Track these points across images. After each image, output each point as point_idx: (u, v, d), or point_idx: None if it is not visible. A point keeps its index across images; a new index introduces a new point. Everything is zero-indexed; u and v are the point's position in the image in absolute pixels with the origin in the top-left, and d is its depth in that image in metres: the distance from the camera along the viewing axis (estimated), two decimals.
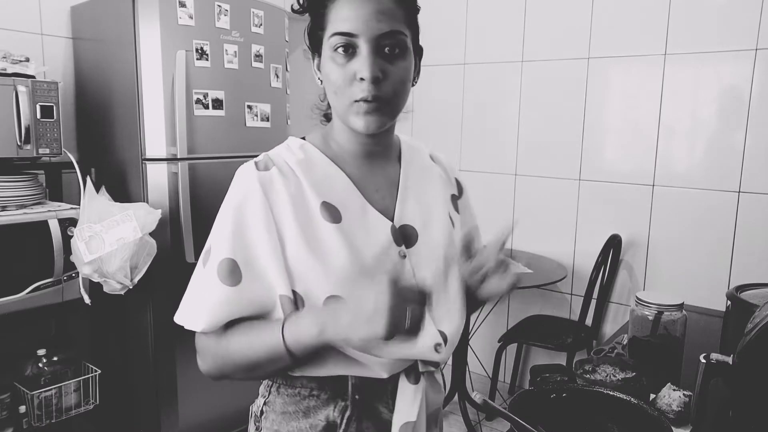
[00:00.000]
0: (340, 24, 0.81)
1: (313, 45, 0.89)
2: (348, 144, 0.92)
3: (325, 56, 0.84)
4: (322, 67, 0.87)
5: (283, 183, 0.86)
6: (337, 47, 0.82)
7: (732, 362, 1.00)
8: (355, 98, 0.82)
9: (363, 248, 0.86)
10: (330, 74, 0.84)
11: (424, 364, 0.91)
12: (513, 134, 3.00)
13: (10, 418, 1.97)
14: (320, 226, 0.85)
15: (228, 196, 0.88)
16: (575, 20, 2.75)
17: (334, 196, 0.88)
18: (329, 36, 0.83)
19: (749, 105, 2.37)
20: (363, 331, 0.71)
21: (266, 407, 0.93)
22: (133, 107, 2.12)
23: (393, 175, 0.96)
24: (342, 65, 0.82)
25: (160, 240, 2.07)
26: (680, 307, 1.29)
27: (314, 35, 0.88)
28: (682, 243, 2.58)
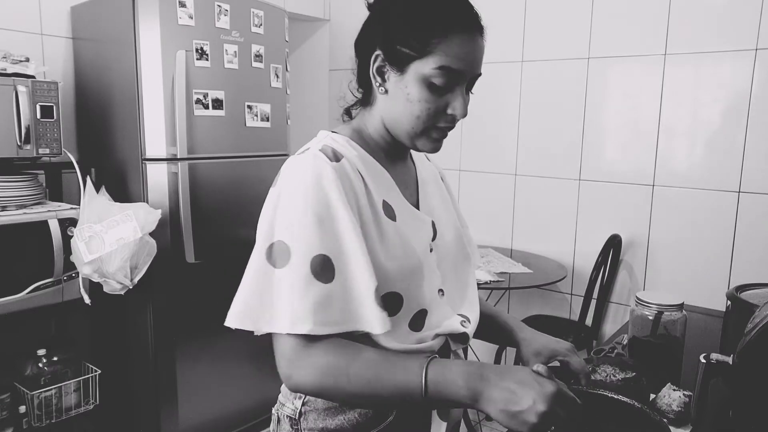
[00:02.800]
0: (453, 61, 0.82)
1: (394, 55, 0.86)
2: (384, 144, 0.94)
3: (416, 80, 0.84)
4: (405, 85, 0.85)
5: (354, 176, 0.86)
6: (437, 79, 0.83)
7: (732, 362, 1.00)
8: (437, 124, 0.87)
9: (414, 245, 0.90)
10: (421, 100, 0.84)
11: (454, 342, 0.96)
12: (513, 134, 3.00)
13: (10, 418, 1.97)
14: (384, 223, 0.87)
15: (295, 186, 0.82)
16: (575, 20, 2.74)
17: (387, 194, 0.90)
18: (434, 66, 0.82)
19: (749, 105, 2.37)
20: (512, 423, 0.72)
21: (306, 407, 0.92)
22: (133, 107, 2.12)
23: (412, 173, 1.02)
24: (437, 95, 0.84)
25: (160, 240, 2.07)
26: (680, 307, 1.29)
27: (402, 49, 0.85)
28: (682, 243, 2.58)
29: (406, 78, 0.85)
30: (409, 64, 0.84)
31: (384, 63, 0.87)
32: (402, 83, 0.86)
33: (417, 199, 0.99)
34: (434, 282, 0.95)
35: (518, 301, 3.09)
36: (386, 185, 0.92)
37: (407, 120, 0.87)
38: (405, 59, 0.85)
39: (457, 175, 3.19)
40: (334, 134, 0.92)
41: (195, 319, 2.26)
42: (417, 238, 0.92)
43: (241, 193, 2.37)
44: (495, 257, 2.78)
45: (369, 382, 0.77)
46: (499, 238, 3.11)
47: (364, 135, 0.94)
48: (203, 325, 2.28)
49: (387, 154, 0.95)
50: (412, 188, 1.00)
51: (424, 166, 1.07)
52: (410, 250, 0.89)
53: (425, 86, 0.84)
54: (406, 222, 0.91)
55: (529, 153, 2.97)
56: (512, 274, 2.54)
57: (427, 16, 0.83)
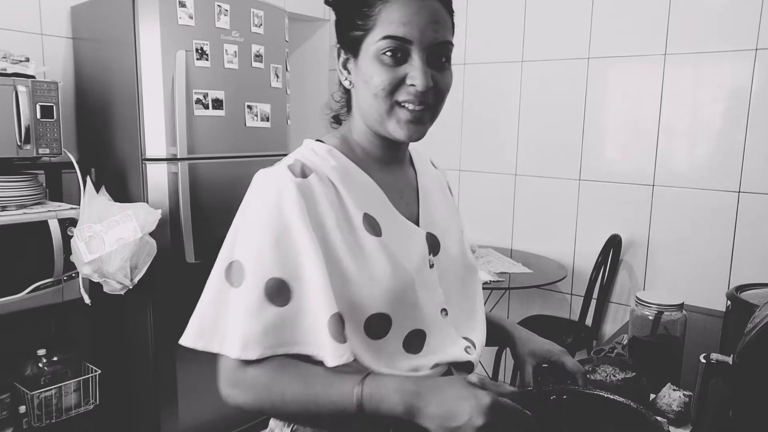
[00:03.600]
0: (394, 28, 0.78)
1: (347, 43, 0.84)
2: (373, 149, 0.90)
3: (368, 57, 0.81)
4: (360, 69, 0.82)
5: (324, 192, 0.81)
6: (386, 51, 0.79)
7: (732, 362, 1.00)
8: (399, 100, 0.80)
9: (404, 262, 0.84)
10: (374, 77, 0.80)
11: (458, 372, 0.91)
12: (513, 134, 3.00)
13: (10, 418, 1.97)
14: (364, 240, 0.82)
15: (256, 204, 0.80)
16: (575, 20, 2.74)
17: (371, 207, 0.85)
18: (379, 38, 0.79)
19: (749, 105, 2.37)
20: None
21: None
22: (133, 107, 2.12)
23: (411, 180, 0.96)
24: (390, 68, 0.79)
25: (160, 240, 2.07)
26: (680, 307, 1.29)
27: (351, 33, 0.83)
28: (682, 243, 2.57)
29: (360, 61, 0.82)
30: (360, 45, 0.81)
31: (347, 56, 0.85)
32: (359, 68, 0.83)
33: (417, 209, 0.93)
34: (435, 300, 0.89)
35: (518, 301, 3.09)
36: (370, 197, 0.86)
37: (370, 104, 0.82)
38: (357, 42, 0.82)
39: (457, 175, 3.19)
40: (316, 144, 0.88)
41: None
42: (407, 253, 0.86)
43: (242, 193, 2.35)
44: (495, 257, 2.78)
45: (304, 401, 0.74)
46: (499, 238, 3.11)
47: (350, 142, 0.90)
48: None
49: (378, 159, 0.91)
50: (410, 197, 0.94)
51: (428, 172, 1.01)
52: (398, 268, 0.83)
53: (377, 62, 0.80)
54: (393, 236, 0.85)
55: (529, 153, 2.97)
56: (512, 274, 2.54)
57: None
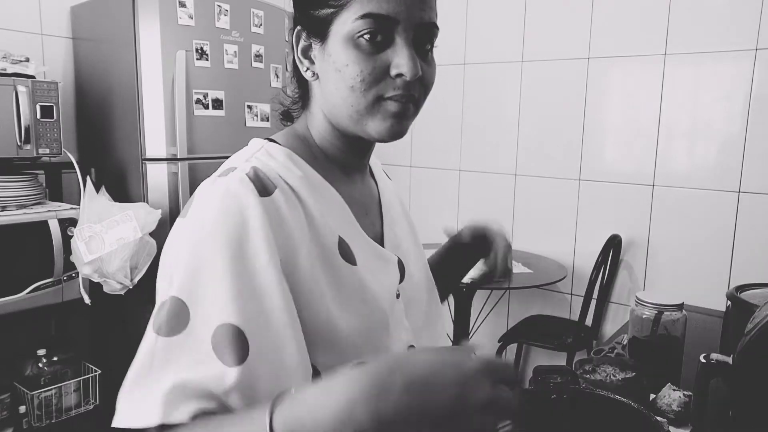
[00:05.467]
0: (375, 4, 0.62)
1: (311, 25, 0.68)
2: (336, 153, 0.74)
3: (340, 42, 0.65)
4: (330, 56, 0.66)
5: (290, 213, 0.64)
6: (365, 33, 0.63)
7: (732, 362, 1.00)
8: (384, 94, 0.66)
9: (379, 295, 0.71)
10: (349, 65, 0.64)
11: None
12: (513, 134, 3.00)
13: (10, 418, 1.97)
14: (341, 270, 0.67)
15: (207, 227, 0.60)
16: (575, 20, 2.74)
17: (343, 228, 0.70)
18: (355, 17, 0.63)
19: (749, 105, 2.37)
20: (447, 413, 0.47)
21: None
22: (133, 107, 2.12)
23: (374, 193, 0.83)
24: (369, 54, 0.64)
25: (160, 240, 2.07)
26: (680, 307, 1.29)
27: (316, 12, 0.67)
28: (682, 243, 2.57)
29: (329, 45, 0.66)
30: (329, 26, 0.65)
31: (308, 40, 0.69)
32: (327, 53, 0.66)
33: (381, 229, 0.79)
34: (402, 337, 0.75)
35: (518, 301, 3.09)
36: (342, 216, 0.71)
37: (343, 97, 0.66)
38: (323, 23, 0.66)
39: (456, 175, 3.19)
40: (272, 146, 0.73)
41: None
42: (380, 283, 0.72)
43: None
44: None
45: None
46: None
47: (310, 143, 0.75)
48: None
49: (341, 166, 0.75)
50: (374, 214, 0.79)
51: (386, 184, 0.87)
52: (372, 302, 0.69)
53: (352, 46, 0.64)
54: (367, 265, 0.70)
55: (529, 153, 2.97)
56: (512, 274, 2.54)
57: None
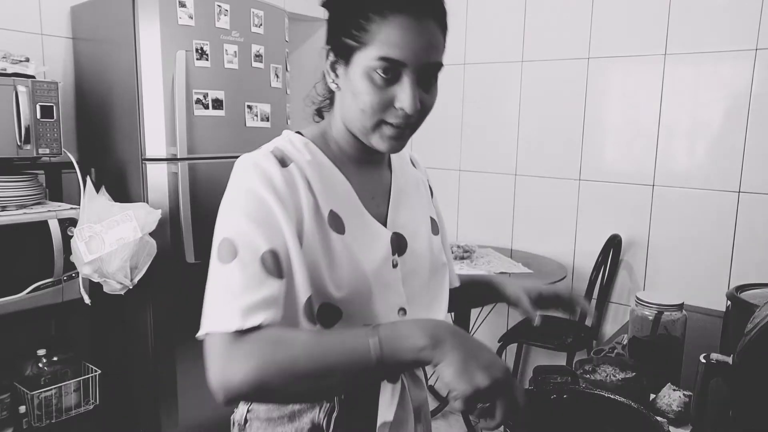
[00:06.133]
0: (390, 50, 0.76)
1: (339, 48, 0.82)
2: (349, 149, 0.90)
3: (359, 71, 0.79)
4: (349, 78, 0.81)
5: (301, 183, 0.82)
6: (378, 69, 0.77)
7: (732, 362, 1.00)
8: (386, 120, 0.81)
9: (363, 261, 0.85)
10: (363, 93, 0.79)
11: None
12: (513, 134, 3.00)
13: (10, 418, 1.97)
14: (329, 235, 0.83)
15: (242, 184, 0.81)
16: (575, 20, 2.74)
17: (338, 204, 0.85)
18: (374, 57, 0.77)
19: (749, 105, 2.37)
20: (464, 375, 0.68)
21: (250, 415, 0.91)
22: (133, 107, 2.12)
23: (385, 181, 0.96)
24: (380, 88, 0.78)
25: (160, 240, 2.07)
26: (680, 307, 1.29)
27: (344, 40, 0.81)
28: (682, 243, 2.58)
29: (351, 71, 0.80)
30: (352, 55, 0.80)
31: (336, 58, 0.83)
32: (348, 77, 0.81)
33: (386, 211, 0.93)
34: (392, 300, 0.89)
35: None
36: (340, 194, 0.86)
37: (355, 115, 0.82)
38: (349, 50, 0.80)
39: (457, 175, 3.19)
40: (295, 135, 0.89)
41: (195, 319, 2.23)
42: (367, 253, 0.86)
43: None
44: (495, 257, 2.78)
45: (315, 357, 0.71)
46: (499, 238, 3.11)
47: (328, 138, 0.90)
48: None
49: (353, 159, 0.91)
50: (381, 198, 0.94)
51: (404, 173, 1.01)
52: (357, 267, 0.84)
53: (367, 79, 0.78)
54: (356, 235, 0.85)
55: (529, 153, 2.97)
56: (512, 274, 2.54)
57: (365, 3, 0.78)
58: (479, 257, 2.74)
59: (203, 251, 2.21)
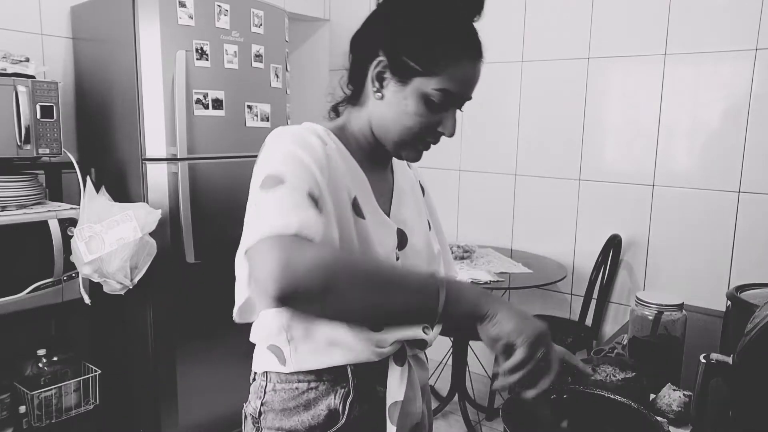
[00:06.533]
0: (455, 86, 0.84)
1: (398, 65, 0.85)
2: (366, 148, 0.94)
3: (415, 93, 0.84)
4: (402, 96, 0.85)
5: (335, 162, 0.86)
6: (435, 98, 0.84)
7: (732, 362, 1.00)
8: (425, 138, 0.88)
9: (377, 248, 0.89)
10: (414, 114, 0.85)
11: (410, 348, 0.95)
12: (513, 134, 3.00)
13: (10, 418, 1.97)
14: (350, 218, 0.86)
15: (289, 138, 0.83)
16: (575, 20, 2.74)
17: (358, 192, 0.89)
18: (438, 86, 0.83)
19: (749, 105, 2.37)
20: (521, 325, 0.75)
21: (264, 407, 0.93)
22: (133, 107, 2.12)
23: (389, 181, 1.01)
24: (432, 113, 0.85)
25: (160, 240, 2.07)
26: (680, 307, 1.29)
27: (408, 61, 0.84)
28: (682, 243, 2.58)
29: (406, 90, 0.85)
30: (412, 78, 0.84)
31: (385, 70, 0.86)
32: (401, 94, 0.86)
33: (389, 209, 0.97)
34: None
35: (518, 301, 3.09)
36: (360, 184, 0.90)
37: (398, 130, 0.87)
38: (409, 72, 0.84)
39: (457, 175, 3.19)
40: (317, 125, 0.92)
41: (195, 319, 2.26)
42: (380, 242, 0.90)
43: (242, 193, 2.34)
44: (495, 257, 2.78)
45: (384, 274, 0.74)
46: (499, 238, 3.11)
47: (347, 133, 0.94)
48: (203, 325, 2.28)
49: (366, 157, 0.94)
50: (386, 197, 0.98)
51: (404, 173, 1.06)
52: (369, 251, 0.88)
53: (423, 102, 0.85)
54: (372, 223, 0.89)
55: (529, 153, 2.97)
56: (512, 274, 2.54)
57: (441, 37, 0.84)
58: (479, 257, 2.74)
59: (203, 251, 2.21)
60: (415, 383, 0.95)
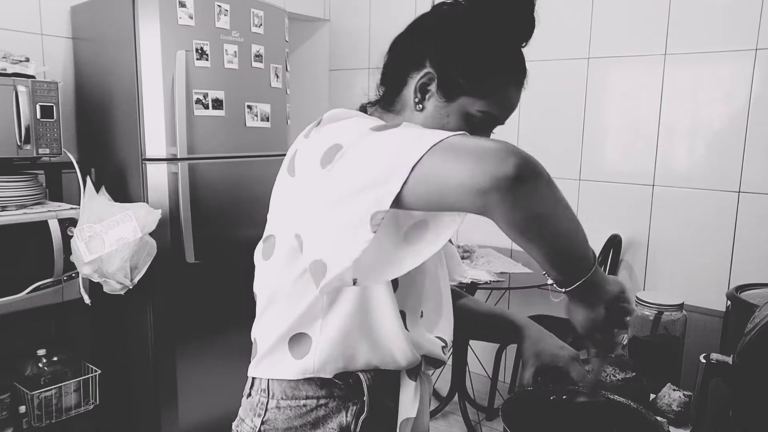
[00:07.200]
0: (498, 110, 0.84)
1: (445, 79, 0.84)
2: None
3: (459, 110, 0.84)
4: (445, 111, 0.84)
5: None
6: (478, 120, 0.84)
7: (732, 362, 1.00)
8: None
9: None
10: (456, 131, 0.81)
11: (426, 365, 0.91)
12: (513, 134, 3.00)
13: (10, 418, 1.97)
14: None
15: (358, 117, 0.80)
16: (575, 20, 2.74)
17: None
18: (483, 108, 0.83)
19: (749, 105, 2.37)
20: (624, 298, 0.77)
21: (265, 426, 0.86)
22: (133, 107, 2.12)
23: None
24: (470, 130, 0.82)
25: (160, 240, 2.07)
26: (680, 307, 1.29)
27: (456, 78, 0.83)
28: (682, 243, 2.58)
29: (450, 107, 0.84)
30: (458, 96, 0.83)
31: (431, 82, 0.85)
32: (444, 110, 0.84)
33: None
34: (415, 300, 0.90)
35: (518, 301, 3.09)
36: None
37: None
38: (456, 90, 0.83)
39: None
40: None
41: (195, 319, 2.26)
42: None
43: (241, 193, 2.37)
44: (495, 257, 2.78)
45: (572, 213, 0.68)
46: (499, 238, 3.11)
47: None
48: (203, 325, 2.28)
49: None
50: None
51: None
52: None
53: (465, 120, 0.84)
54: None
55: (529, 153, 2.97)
56: (512, 274, 2.54)
57: (494, 61, 0.84)
58: (479, 257, 2.74)
59: (203, 251, 2.21)
60: (425, 399, 0.93)
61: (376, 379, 0.86)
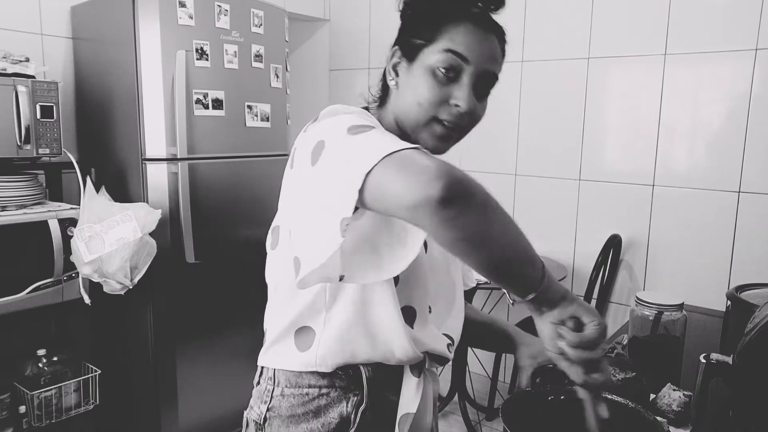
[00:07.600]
0: (458, 46, 0.82)
1: (406, 48, 0.87)
2: None
3: (422, 67, 0.84)
4: (412, 75, 0.85)
5: None
6: (442, 66, 0.82)
7: (732, 362, 1.00)
8: (438, 116, 0.84)
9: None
10: (422, 87, 0.83)
11: (431, 361, 0.93)
12: (513, 134, 3.00)
13: (10, 418, 1.97)
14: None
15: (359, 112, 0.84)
16: (575, 20, 2.74)
17: None
18: (440, 50, 0.82)
19: (749, 105, 2.37)
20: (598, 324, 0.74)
21: (270, 413, 0.90)
22: (133, 107, 2.12)
23: None
24: (440, 84, 0.83)
25: (160, 240, 2.07)
26: (680, 307, 1.29)
27: (413, 40, 0.86)
28: (682, 243, 2.57)
29: (414, 67, 0.85)
30: (418, 52, 0.84)
31: (400, 59, 0.87)
32: (411, 73, 0.86)
33: None
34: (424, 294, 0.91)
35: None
36: None
37: (411, 109, 0.85)
38: (416, 48, 0.85)
39: None
40: None
41: (195, 319, 2.26)
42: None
43: (241, 193, 2.37)
44: None
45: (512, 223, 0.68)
46: None
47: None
48: (203, 325, 2.28)
49: None
50: None
51: None
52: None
53: (429, 74, 0.83)
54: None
55: (529, 153, 2.97)
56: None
57: (441, 6, 0.84)
58: None
59: (203, 251, 2.21)
60: (429, 396, 0.92)
61: (378, 373, 0.88)
